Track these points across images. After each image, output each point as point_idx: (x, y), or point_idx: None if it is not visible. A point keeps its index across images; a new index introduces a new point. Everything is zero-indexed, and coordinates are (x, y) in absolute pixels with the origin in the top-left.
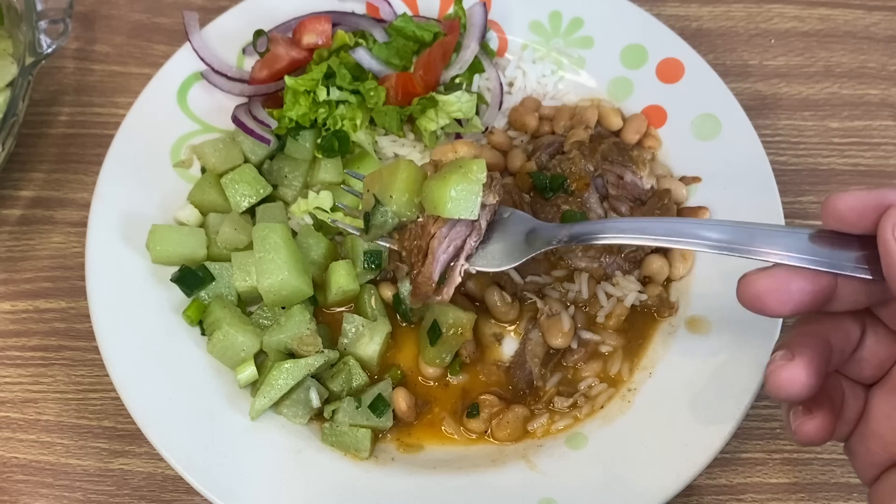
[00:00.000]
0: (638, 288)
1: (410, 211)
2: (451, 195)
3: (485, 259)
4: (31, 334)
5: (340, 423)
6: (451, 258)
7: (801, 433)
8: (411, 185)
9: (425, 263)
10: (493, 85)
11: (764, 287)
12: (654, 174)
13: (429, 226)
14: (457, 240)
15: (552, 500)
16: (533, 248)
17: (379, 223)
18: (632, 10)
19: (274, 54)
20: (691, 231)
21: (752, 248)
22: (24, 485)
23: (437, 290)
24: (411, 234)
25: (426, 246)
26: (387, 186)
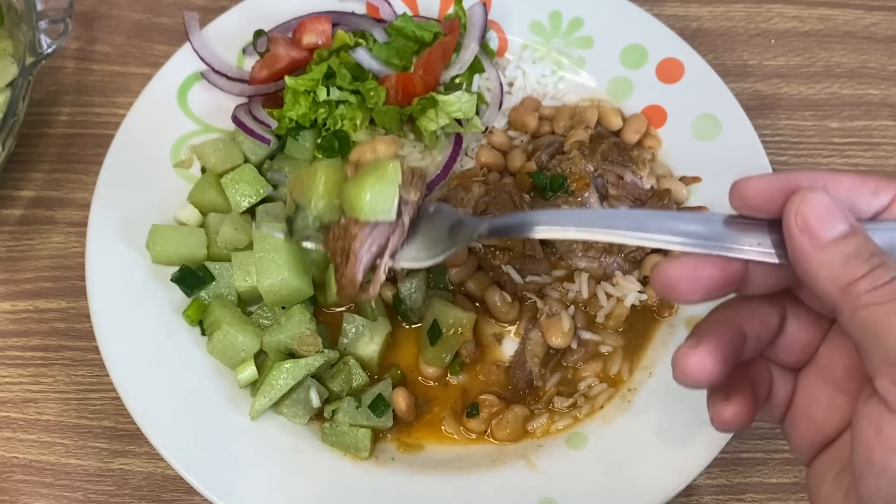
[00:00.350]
0: (638, 288)
1: (332, 213)
2: (367, 198)
3: (410, 255)
4: (32, 334)
5: (340, 423)
6: (376, 256)
7: (717, 419)
8: (331, 187)
9: (348, 264)
10: (493, 85)
11: (673, 275)
12: (654, 174)
13: (350, 227)
14: (380, 239)
15: (552, 500)
16: (455, 241)
17: (301, 227)
18: (632, 10)
19: (274, 54)
20: (602, 221)
21: (659, 234)
22: (24, 485)
23: (364, 288)
24: (334, 235)
25: (349, 247)
26: (307, 190)
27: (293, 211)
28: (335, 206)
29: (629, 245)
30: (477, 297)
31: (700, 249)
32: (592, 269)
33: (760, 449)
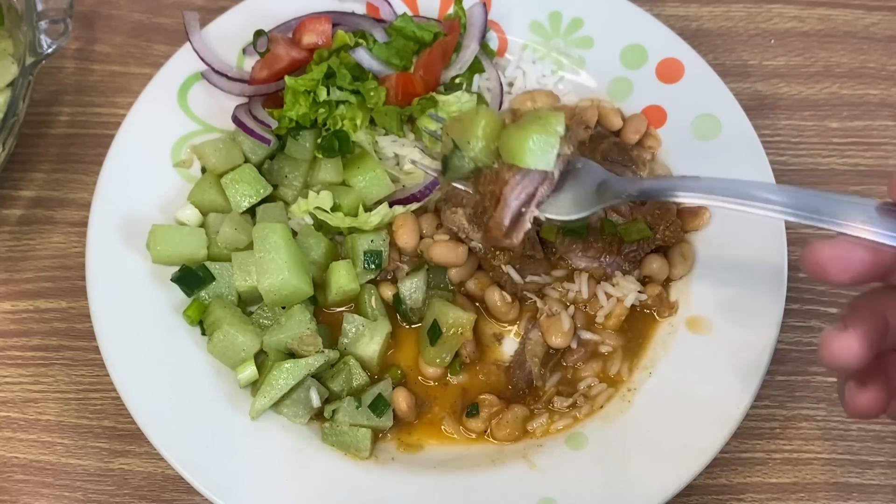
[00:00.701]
0: (638, 288)
1: (487, 157)
2: (530, 146)
3: (555, 207)
4: (32, 334)
5: (341, 423)
6: (523, 204)
7: (852, 405)
8: (489, 132)
9: (497, 208)
10: (493, 85)
11: (826, 255)
12: (654, 174)
13: (503, 172)
14: (529, 187)
15: (552, 500)
16: (602, 199)
17: (456, 166)
18: (632, 10)
19: (274, 54)
20: (760, 195)
21: (818, 215)
22: (24, 484)
23: (507, 234)
24: (486, 178)
25: (499, 192)
26: (466, 132)
27: (450, 150)
28: (491, 151)
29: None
30: (477, 297)
31: (855, 233)
32: (592, 269)
33: (760, 449)
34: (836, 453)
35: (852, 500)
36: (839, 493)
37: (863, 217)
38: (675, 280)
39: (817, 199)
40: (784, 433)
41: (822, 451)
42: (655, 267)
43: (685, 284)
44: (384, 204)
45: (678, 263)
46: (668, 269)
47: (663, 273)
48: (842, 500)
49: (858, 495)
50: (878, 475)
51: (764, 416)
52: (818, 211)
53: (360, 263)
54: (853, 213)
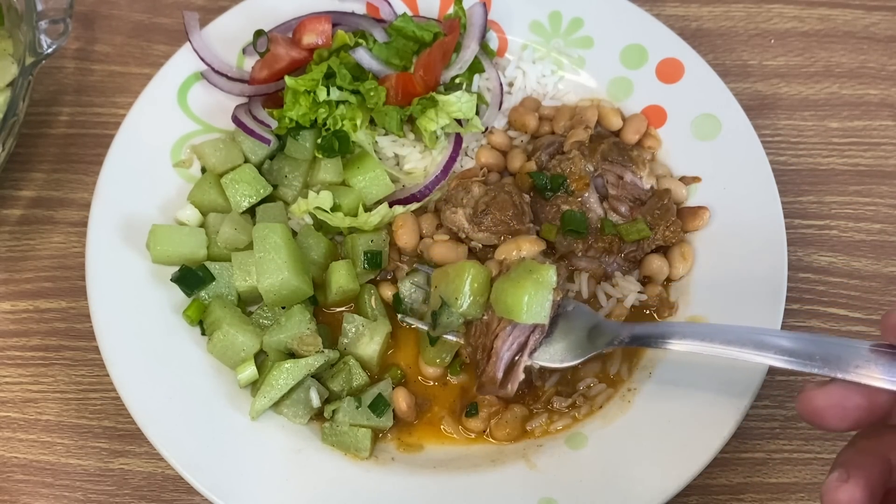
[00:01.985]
0: (638, 288)
1: (476, 310)
2: (525, 302)
3: (547, 354)
4: (32, 334)
5: (340, 423)
6: (515, 354)
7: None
8: (477, 287)
9: (489, 363)
10: (493, 85)
11: (822, 404)
12: (654, 174)
13: (493, 324)
14: (520, 337)
15: (552, 500)
16: (595, 346)
17: (446, 323)
18: (632, 10)
19: (274, 54)
20: (754, 343)
21: (811, 361)
22: (24, 484)
23: (502, 385)
24: (477, 330)
25: (490, 344)
26: (454, 288)
27: (438, 307)
28: (480, 304)
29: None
30: None
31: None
32: (592, 269)
33: (760, 449)
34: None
35: None
36: None
37: (857, 361)
38: (675, 280)
39: (810, 344)
40: (784, 433)
41: (822, 451)
42: (655, 267)
43: (685, 284)
44: (384, 204)
45: (678, 263)
46: (668, 269)
47: (663, 273)
48: None
49: None
50: None
51: (764, 416)
52: (812, 357)
53: (359, 263)
54: (847, 358)
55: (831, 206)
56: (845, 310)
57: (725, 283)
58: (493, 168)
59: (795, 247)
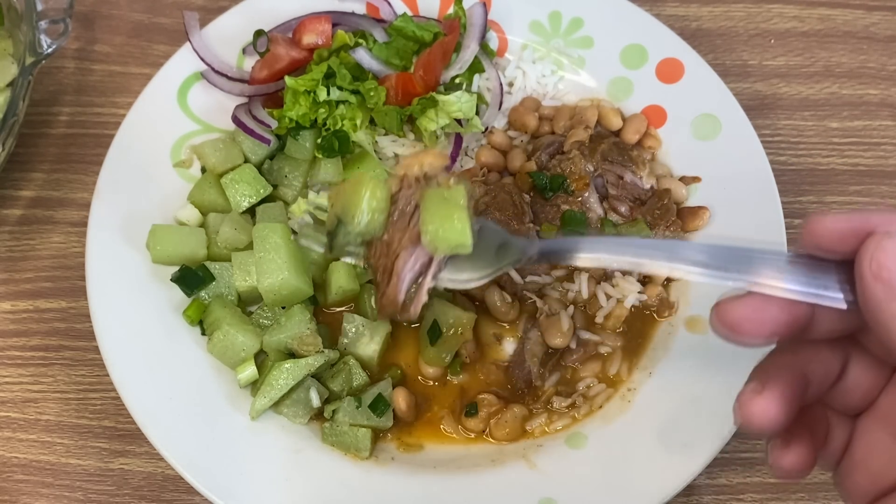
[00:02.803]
0: (638, 289)
1: (375, 229)
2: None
3: (453, 274)
4: (32, 334)
5: (340, 423)
6: (418, 275)
7: (776, 466)
8: (376, 204)
9: (390, 284)
10: (493, 85)
11: (737, 315)
12: (654, 174)
13: (394, 243)
14: (423, 257)
15: (552, 500)
16: (501, 261)
17: (343, 243)
18: (632, 10)
19: (274, 54)
20: (665, 253)
21: (725, 272)
22: (24, 484)
23: (405, 308)
24: (377, 250)
25: (391, 265)
26: (351, 205)
27: (334, 225)
28: (379, 222)
29: None
30: (477, 297)
31: (766, 290)
32: (592, 270)
33: (760, 449)
34: None
35: None
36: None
37: (775, 272)
38: (675, 280)
39: (723, 253)
40: None
41: None
42: None
43: (685, 284)
44: None
45: None
46: None
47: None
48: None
49: None
50: None
51: None
52: (727, 268)
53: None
54: (763, 268)
55: (831, 206)
56: None
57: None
58: (493, 168)
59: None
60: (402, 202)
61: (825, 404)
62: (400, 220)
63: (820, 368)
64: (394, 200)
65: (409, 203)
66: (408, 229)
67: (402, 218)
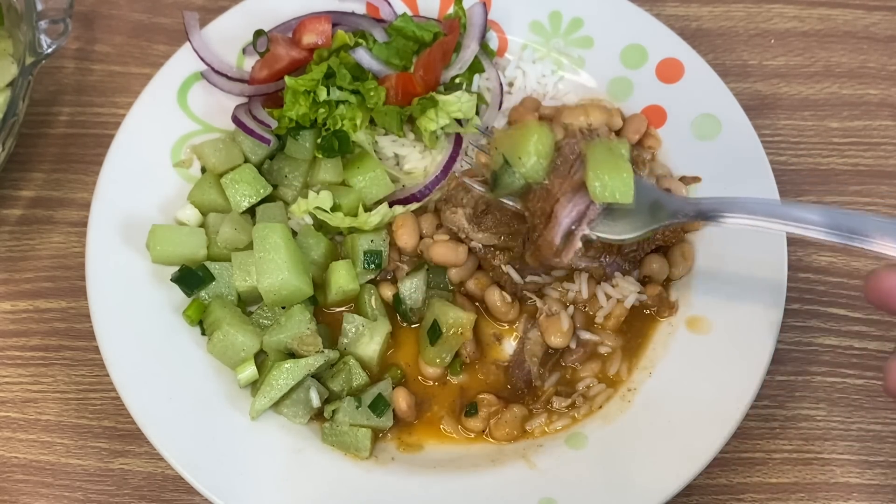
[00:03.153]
0: (637, 289)
1: (538, 173)
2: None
3: (606, 227)
4: (32, 334)
5: (341, 423)
6: (574, 222)
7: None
8: (541, 148)
9: (548, 227)
10: (493, 85)
11: (891, 284)
12: (654, 174)
13: (554, 189)
14: (580, 205)
15: (552, 500)
16: (657, 220)
17: (506, 183)
18: (632, 10)
19: (274, 54)
20: (815, 219)
21: (873, 240)
22: (24, 484)
23: (557, 253)
24: (536, 196)
25: (550, 209)
26: (517, 148)
27: (500, 166)
28: (542, 167)
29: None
30: (477, 297)
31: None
32: (592, 269)
33: (760, 449)
34: (836, 453)
35: (852, 500)
36: (839, 493)
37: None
38: (675, 280)
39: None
40: (784, 433)
41: (822, 451)
42: (655, 267)
43: (685, 284)
44: (384, 204)
45: (678, 263)
46: (668, 269)
47: (663, 273)
48: (842, 500)
49: (858, 495)
50: (878, 475)
51: (764, 416)
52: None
53: (360, 263)
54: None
55: (832, 206)
56: (845, 310)
57: (725, 283)
58: None
59: (795, 247)
60: (567, 150)
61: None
62: (562, 167)
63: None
64: (558, 147)
65: (573, 151)
66: (569, 177)
67: (565, 165)
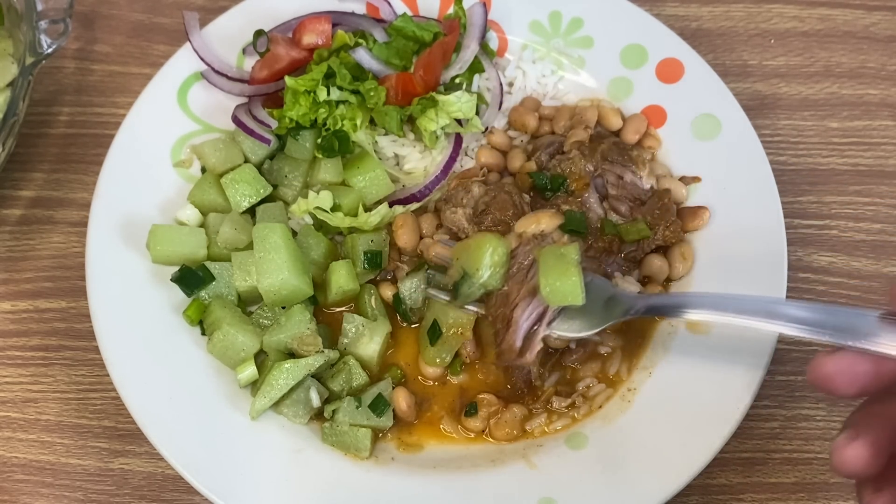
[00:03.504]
0: (638, 289)
1: (496, 282)
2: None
3: (565, 325)
4: (32, 334)
5: (341, 423)
6: (534, 324)
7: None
8: (497, 259)
9: (508, 332)
10: (493, 85)
11: (831, 369)
12: (654, 174)
13: (512, 294)
14: (539, 307)
15: (552, 500)
16: (611, 316)
17: (467, 293)
18: (632, 10)
19: (274, 54)
20: (767, 311)
21: (821, 329)
22: (24, 484)
23: (521, 354)
24: (496, 301)
25: (510, 314)
26: (475, 260)
27: (460, 277)
28: (500, 275)
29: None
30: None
31: (857, 346)
32: (592, 269)
33: (760, 449)
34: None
35: (852, 500)
36: (839, 492)
37: (866, 329)
38: (675, 280)
39: (821, 313)
40: (784, 433)
41: (822, 451)
42: (655, 267)
43: (685, 284)
44: (384, 204)
45: (678, 263)
46: (668, 269)
47: (663, 273)
48: (842, 500)
49: None
50: None
51: (764, 416)
52: (823, 325)
53: (359, 263)
54: (856, 327)
55: (831, 206)
56: None
57: (725, 283)
58: (493, 168)
59: (795, 247)
60: (521, 257)
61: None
62: (518, 273)
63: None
64: (513, 255)
65: (527, 258)
66: (525, 282)
67: (521, 272)
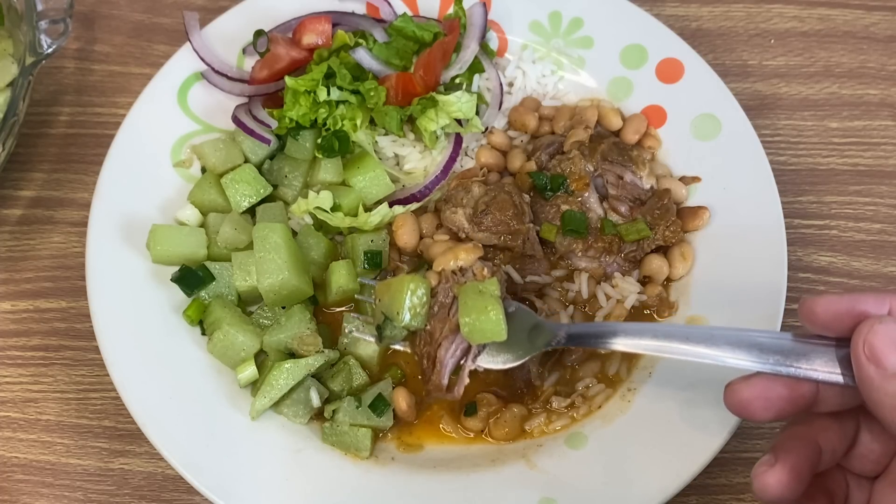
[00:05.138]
0: (637, 289)
1: (419, 322)
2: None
3: (490, 357)
4: (32, 334)
5: (341, 423)
6: (460, 359)
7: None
8: (417, 301)
9: (434, 371)
10: (493, 85)
11: (746, 396)
12: (654, 174)
13: (436, 333)
14: (463, 343)
15: (552, 500)
16: (535, 346)
17: (391, 336)
18: (632, 10)
19: (274, 54)
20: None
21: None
22: (24, 484)
23: (448, 390)
24: (421, 340)
25: (434, 353)
26: (395, 303)
27: (382, 321)
28: (422, 316)
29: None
30: None
31: (770, 369)
32: (592, 269)
33: (760, 449)
34: None
35: None
36: None
37: (778, 354)
38: (675, 280)
39: (733, 338)
40: None
41: None
42: (655, 267)
43: (685, 284)
44: (384, 204)
45: (678, 263)
46: (668, 269)
47: (663, 273)
48: None
49: None
50: None
51: None
52: (735, 349)
53: (360, 263)
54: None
55: (831, 206)
56: None
57: (725, 283)
58: (493, 168)
59: (795, 247)
60: (442, 295)
61: (843, 468)
62: (440, 311)
63: (832, 438)
64: (434, 294)
65: (448, 296)
66: (448, 320)
67: (443, 310)
